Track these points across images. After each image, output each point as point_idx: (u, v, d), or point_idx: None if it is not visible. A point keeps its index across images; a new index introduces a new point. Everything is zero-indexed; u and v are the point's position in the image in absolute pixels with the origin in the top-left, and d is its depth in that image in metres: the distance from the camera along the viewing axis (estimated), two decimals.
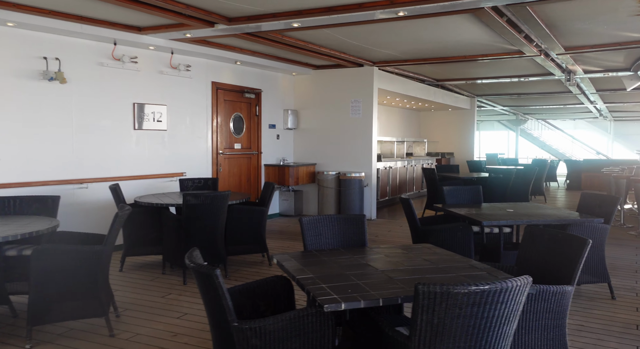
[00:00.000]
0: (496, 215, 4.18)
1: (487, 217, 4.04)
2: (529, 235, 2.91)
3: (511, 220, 3.94)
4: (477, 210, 4.56)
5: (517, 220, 3.94)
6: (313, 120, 8.61)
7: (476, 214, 4.17)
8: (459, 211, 4.34)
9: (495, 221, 3.90)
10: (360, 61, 7.78)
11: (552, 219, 3.98)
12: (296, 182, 8.00)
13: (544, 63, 7.83)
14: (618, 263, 5.40)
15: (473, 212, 4.34)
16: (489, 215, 4.19)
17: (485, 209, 4.58)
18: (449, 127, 13.94)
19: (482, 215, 4.14)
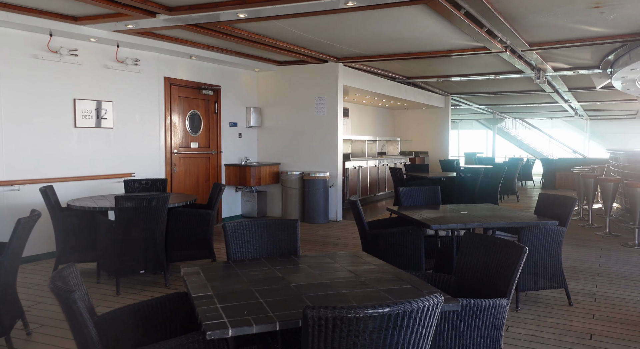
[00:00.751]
0: (448, 218, 3.95)
1: (439, 220, 3.80)
2: (467, 242, 2.67)
3: (462, 223, 3.70)
4: (431, 212, 4.32)
5: (467, 223, 3.70)
6: (277, 118, 8.31)
7: (427, 217, 3.93)
8: (411, 213, 4.10)
9: (444, 225, 3.66)
10: (324, 57, 7.51)
11: (504, 222, 3.76)
12: (258, 183, 7.70)
13: (512, 60, 7.66)
14: (580, 265, 5.23)
15: (424, 215, 4.10)
16: (441, 217, 3.95)
17: (439, 211, 4.35)
18: (423, 125, 13.78)
19: (434, 218, 3.90)
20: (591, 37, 6.07)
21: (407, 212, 4.18)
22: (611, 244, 6.31)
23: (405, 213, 4.15)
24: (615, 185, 6.84)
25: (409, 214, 4.09)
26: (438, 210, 4.40)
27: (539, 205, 4.39)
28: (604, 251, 5.92)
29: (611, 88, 10.75)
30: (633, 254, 5.75)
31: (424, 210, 4.44)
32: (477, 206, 4.55)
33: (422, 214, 4.21)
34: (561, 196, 4.22)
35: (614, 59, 7.60)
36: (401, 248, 3.90)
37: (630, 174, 7.56)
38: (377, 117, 13.12)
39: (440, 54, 7.12)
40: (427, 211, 4.38)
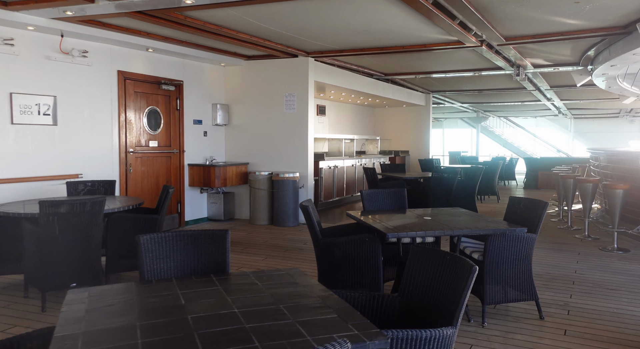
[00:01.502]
0: (410, 225, 3.59)
1: (399, 228, 3.44)
2: (413, 257, 2.31)
3: (422, 230, 3.34)
4: (393, 218, 3.97)
5: (428, 231, 3.35)
6: (246, 116, 7.90)
7: (387, 224, 3.57)
8: (369, 220, 3.73)
9: (402, 233, 3.30)
10: (293, 51, 7.12)
11: (468, 229, 3.41)
12: (224, 183, 7.28)
13: (489, 56, 7.35)
14: (556, 271, 4.93)
15: (385, 221, 3.74)
16: (402, 225, 3.59)
17: (403, 217, 3.99)
18: (403, 124, 13.46)
19: (394, 225, 3.54)
20: (569, 31, 5.77)
21: (366, 218, 3.82)
22: (589, 248, 6.03)
23: (364, 218, 3.78)
24: (594, 186, 6.57)
25: (368, 220, 3.72)
26: (402, 216, 4.05)
27: (509, 210, 4.06)
28: (582, 256, 5.63)
29: (593, 86, 10.52)
30: (611, 259, 5.47)
31: (386, 216, 4.08)
32: (444, 211, 4.20)
33: (383, 220, 3.85)
34: (532, 201, 3.89)
35: (594, 55, 7.33)
36: (358, 259, 3.54)
37: (610, 174, 7.31)
38: (357, 115, 12.76)
39: (414, 48, 6.77)
40: (389, 217, 4.02)
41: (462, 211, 4.16)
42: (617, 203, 5.88)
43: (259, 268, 5.05)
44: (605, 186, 6.05)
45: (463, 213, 4.08)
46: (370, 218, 3.85)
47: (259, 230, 7.08)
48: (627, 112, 18.06)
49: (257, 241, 6.27)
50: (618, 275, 4.82)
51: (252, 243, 6.18)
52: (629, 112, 18.02)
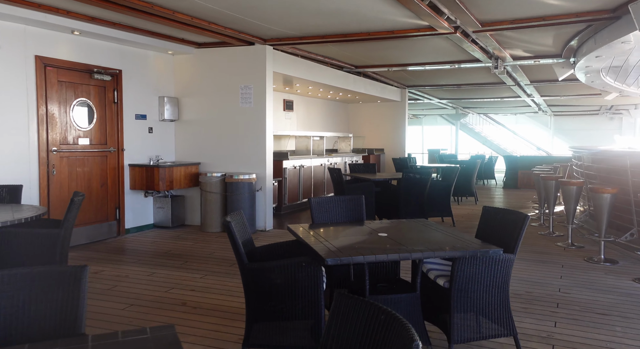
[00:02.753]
0: (359, 244, 2.88)
1: (345, 249, 2.72)
2: (338, 308, 1.59)
3: (371, 252, 2.63)
4: (343, 234, 3.25)
5: (378, 255, 2.63)
6: (198, 110, 7.09)
7: (330, 242, 2.84)
8: (310, 238, 3.00)
9: (345, 258, 2.57)
10: (248, 38, 6.34)
11: (430, 251, 2.71)
12: (170, 186, 6.47)
13: (465, 45, 6.69)
14: (537, 290, 4.28)
15: (331, 239, 3.02)
16: (348, 245, 2.87)
17: (354, 232, 3.27)
18: (378, 120, 12.79)
19: (338, 245, 2.82)
20: (551, 14, 5.13)
21: (308, 235, 3.08)
22: (574, 258, 5.42)
23: (304, 236, 3.05)
24: (578, 189, 5.97)
25: (309, 238, 2.99)
26: (354, 231, 3.33)
27: (482, 224, 3.38)
28: (566, 269, 5.01)
29: (574, 81, 10.01)
30: (598, 273, 4.86)
31: (335, 230, 3.37)
32: (406, 225, 3.50)
33: (329, 237, 3.13)
34: (510, 213, 3.21)
35: (577, 45, 6.73)
36: (293, 287, 2.80)
37: (595, 176, 6.73)
38: (329, 111, 12.04)
39: (381, 35, 6.06)
40: (338, 233, 3.30)
41: (426, 224, 3.46)
42: (604, 209, 5.28)
43: (186, 293, 4.27)
44: (590, 190, 5.45)
45: (428, 227, 3.37)
46: (312, 234, 3.12)
47: (208, 238, 6.29)
48: (607, 109, 17.76)
49: (203, 253, 5.49)
50: (607, 294, 4.20)
51: (196, 255, 5.40)
52: (609, 109, 17.73)
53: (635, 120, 17.81)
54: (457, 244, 2.87)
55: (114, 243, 5.93)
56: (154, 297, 3.97)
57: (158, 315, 3.60)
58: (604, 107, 17.47)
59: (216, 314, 3.63)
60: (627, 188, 5.72)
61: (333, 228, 3.45)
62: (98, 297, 3.96)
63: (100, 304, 3.81)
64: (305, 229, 3.31)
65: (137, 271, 4.69)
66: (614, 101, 14.56)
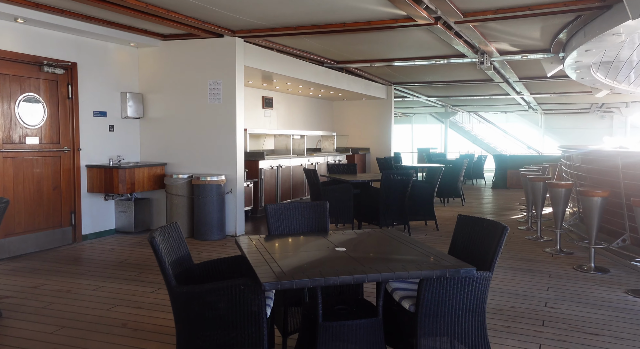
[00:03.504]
0: (310, 264, 2.46)
1: (293, 271, 2.31)
2: None
3: (319, 276, 2.20)
4: (295, 248, 2.83)
5: (330, 277, 2.21)
6: (164, 107, 6.63)
7: (279, 261, 2.42)
8: (255, 254, 2.57)
9: (287, 281, 2.15)
10: (215, 29, 5.89)
11: (389, 272, 2.29)
12: (131, 189, 6.01)
13: (448, 38, 6.30)
14: (522, 305, 3.89)
15: (280, 256, 2.60)
16: (297, 266, 2.44)
17: (309, 247, 2.85)
18: (364, 118, 12.38)
19: (287, 264, 2.40)
20: (537, 3, 4.74)
21: (252, 250, 2.65)
22: (562, 267, 5.05)
23: (248, 252, 2.62)
24: (567, 191, 5.60)
25: (253, 254, 2.57)
26: (309, 245, 2.91)
27: (456, 235, 2.97)
28: (554, 278, 4.63)
29: (564, 78, 9.67)
30: (588, 284, 4.48)
31: (288, 244, 2.95)
32: (370, 238, 3.08)
33: (280, 253, 2.71)
34: (487, 222, 2.81)
35: (566, 39, 6.36)
36: (231, 314, 2.37)
37: (585, 177, 6.37)
38: (312, 109, 11.61)
39: (357, 26, 5.63)
40: (290, 247, 2.89)
41: (394, 237, 3.03)
42: (595, 213, 4.90)
43: (130, 311, 3.83)
44: (580, 192, 5.07)
45: (395, 240, 2.95)
46: (261, 248, 2.69)
47: None
48: (597, 108, 17.50)
49: None
50: (598, 309, 3.82)
51: (153, 265, 4.95)
52: (600, 108, 17.47)
53: (626, 119, 17.57)
54: (423, 262, 2.45)
55: (66, 251, 5.46)
56: (92, 317, 3.52)
57: (90, 340, 3.15)
58: (594, 106, 17.20)
59: (158, 338, 3.20)
60: (618, 190, 5.36)
61: (288, 241, 3.03)
62: (28, 317, 3.50)
63: (28, 326, 3.35)
64: (257, 241, 2.88)
65: (81, 285, 4.23)
66: (605, 99, 14.28)
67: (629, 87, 10.41)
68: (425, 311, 2.46)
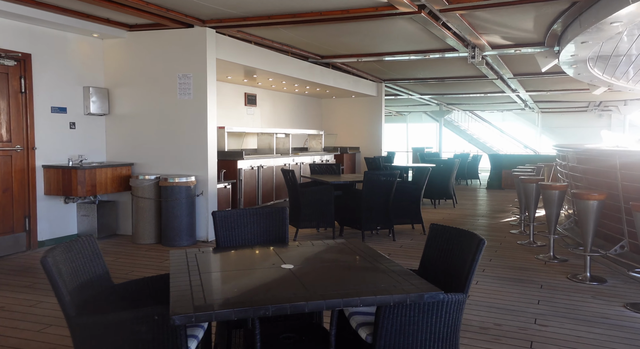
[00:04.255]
0: (237, 288, 2.04)
1: (216, 299, 1.89)
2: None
3: (247, 306, 1.78)
4: (237, 265, 2.41)
5: (259, 307, 1.78)
6: (132, 103, 6.19)
7: (213, 284, 2.00)
8: (181, 273, 2.15)
9: (204, 314, 1.72)
10: (183, 18, 5.46)
11: (337, 298, 1.86)
12: (92, 191, 5.57)
13: (435, 30, 5.88)
14: (509, 322, 3.47)
15: (216, 277, 2.18)
16: (226, 290, 2.02)
17: (254, 264, 2.43)
18: (353, 116, 11.96)
19: (219, 287, 1.98)
20: None
21: (185, 267, 2.23)
22: (555, 276, 4.63)
23: (179, 270, 2.19)
24: (560, 193, 5.18)
25: (182, 272, 2.14)
26: (252, 261, 2.49)
27: (428, 249, 2.56)
28: (545, 290, 4.22)
29: (561, 74, 9.26)
30: (583, 296, 4.07)
31: (229, 259, 2.53)
32: (331, 250, 2.66)
33: (213, 271, 2.29)
34: (462, 234, 2.40)
35: (561, 30, 5.95)
36: None
37: (581, 178, 5.96)
38: (299, 107, 11.17)
39: (334, 14, 5.21)
40: (230, 264, 2.47)
41: (356, 249, 2.61)
42: (591, 217, 4.49)
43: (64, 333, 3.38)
44: (574, 195, 4.66)
45: (357, 254, 2.53)
46: (194, 265, 2.27)
47: (137, 252, 5.42)
48: (595, 106, 17.10)
49: (119, 272, 4.61)
50: (594, 327, 3.41)
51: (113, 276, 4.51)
52: (598, 106, 17.07)
53: (624, 117, 17.17)
54: (382, 284, 2.03)
55: (17, 259, 5.03)
56: (16, 341, 3.09)
57: None
58: (592, 104, 16.81)
59: None
60: (616, 192, 4.94)
61: (230, 255, 2.60)
62: None
63: None
64: (194, 256, 2.45)
65: (19, 301, 3.80)
66: (603, 96, 13.89)
67: (627, 83, 10.00)
68: (385, 342, 2.04)
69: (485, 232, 6.75)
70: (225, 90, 8.60)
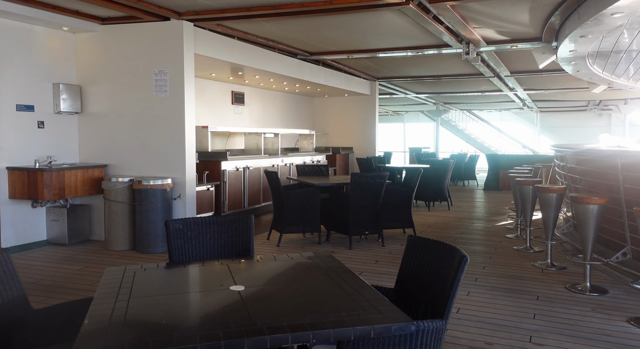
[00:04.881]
0: (166, 319, 1.71)
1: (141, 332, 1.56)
2: None
3: (171, 347, 1.45)
4: (172, 287, 2.08)
5: (199, 344, 1.45)
6: (106, 101, 5.86)
7: (120, 317, 1.68)
8: (101, 300, 1.82)
9: None
10: (154, 9, 5.13)
11: (284, 334, 1.53)
12: (60, 195, 5.24)
13: (426, 23, 5.56)
14: (501, 340, 3.14)
15: (136, 299, 1.85)
16: (152, 321, 1.70)
17: (191, 283, 2.11)
18: (347, 116, 11.63)
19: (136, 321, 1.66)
20: None
21: (109, 293, 1.90)
22: (553, 286, 4.31)
23: (107, 294, 1.86)
24: (558, 197, 4.86)
25: (100, 304, 1.81)
26: (197, 282, 2.16)
27: (405, 265, 2.24)
28: (542, 302, 3.89)
29: (559, 72, 8.95)
30: (583, 308, 3.74)
31: (169, 279, 2.19)
32: (296, 267, 2.33)
33: (143, 297, 1.96)
34: (443, 248, 2.07)
35: (559, 23, 5.62)
36: None
37: (580, 180, 5.63)
38: (290, 106, 10.84)
39: (317, 5, 4.88)
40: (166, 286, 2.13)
41: (325, 267, 2.28)
42: (591, 223, 4.16)
43: None
44: (573, 199, 4.33)
45: (324, 272, 2.20)
46: (119, 287, 1.94)
47: (107, 259, 5.09)
48: (595, 105, 16.78)
49: (82, 284, 4.28)
50: (595, 345, 3.08)
51: (69, 287, 4.19)
52: (598, 105, 16.75)
53: (625, 116, 16.86)
54: (344, 311, 1.70)
55: None
56: None
57: None
58: (592, 103, 16.49)
59: None
60: (617, 196, 4.62)
61: (176, 273, 2.27)
62: None
63: None
64: (131, 274, 2.13)
65: None
66: (603, 95, 13.57)
67: (628, 81, 9.68)
68: None
69: (480, 237, 6.43)
70: (210, 88, 8.27)
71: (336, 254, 5.36)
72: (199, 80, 7.91)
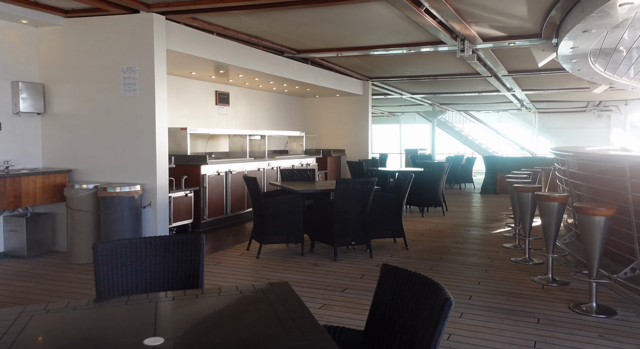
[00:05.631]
0: None
1: None
2: None
3: None
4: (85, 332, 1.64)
5: None
6: (71, 101, 5.42)
7: None
8: None
9: None
10: (122, 1, 4.69)
11: None
12: (15, 203, 4.80)
13: (417, 18, 5.13)
14: None
15: None
16: None
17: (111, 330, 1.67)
18: (339, 117, 11.21)
19: None
20: None
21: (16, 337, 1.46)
22: (555, 304, 3.88)
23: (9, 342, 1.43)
24: (560, 205, 4.43)
25: None
26: (108, 333, 1.72)
27: (377, 301, 1.81)
28: (543, 325, 3.46)
29: (559, 71, 8.55)
30: (589, 334, 3.32)
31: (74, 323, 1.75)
32: (248, 296, 1.90)
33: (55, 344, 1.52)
34: (422, 282, 1.64)
35: (560, 17, 5.21)
36: None
37: (583, 187, 5.21)
38: (280, 107, 10.42)
39: None
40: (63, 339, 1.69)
41: (277, 303, 1.84)
42: (597, 237, 3.74)
43: None
44: (577, 209, 3.91)
45: (275, 310, 1.77)
46: (31, 335, 1.50)
47: (67, 275, 4.64)
48: (594, 106, 16.40)
49: (30, 303, 3.83)
50: None
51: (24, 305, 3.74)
52: (597, 106, 16.36)
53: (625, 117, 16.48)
54: None
55: None
56: None
57: None
58: (591, 104, 16.10)
59: None
60: (625, 205, 4.20)
61: (83, 315, 1.82)
62: None
63: None
64: (31, 317, 1.69)
65: None
66: (603, 96, 13.18)
67: (630, 81, 9.29)
68: None
69: (476, 246, 6.00)
70: (191, 87, 7.84)
71: (320, 266, 4.93)
72: (177, 78, 7.49)
